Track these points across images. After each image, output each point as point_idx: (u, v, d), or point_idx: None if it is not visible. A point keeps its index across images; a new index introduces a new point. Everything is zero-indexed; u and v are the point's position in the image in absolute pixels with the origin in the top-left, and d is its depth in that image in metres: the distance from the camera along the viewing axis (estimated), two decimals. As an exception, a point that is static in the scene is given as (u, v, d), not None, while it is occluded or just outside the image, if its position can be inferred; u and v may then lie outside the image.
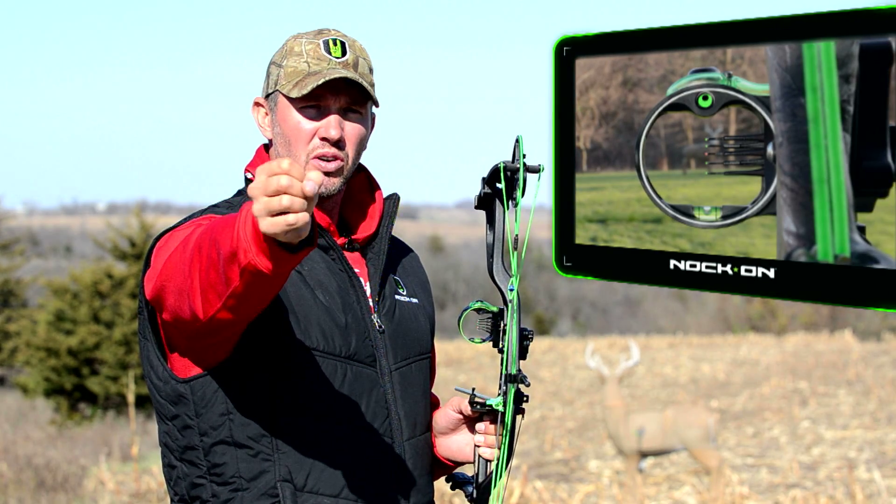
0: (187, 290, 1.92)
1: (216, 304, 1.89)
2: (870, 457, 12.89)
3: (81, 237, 64.18)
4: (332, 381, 2.17)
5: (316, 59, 2.23)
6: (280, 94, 2.24)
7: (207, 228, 1.89)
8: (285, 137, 2.24)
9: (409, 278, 2.42)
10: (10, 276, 27.44)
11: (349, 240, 2.31)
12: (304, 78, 2.21)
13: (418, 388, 2.31)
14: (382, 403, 2.22)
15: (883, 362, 23.84)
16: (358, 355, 2.21)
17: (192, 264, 1.90)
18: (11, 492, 10.42)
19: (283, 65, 2.24)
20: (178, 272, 1.94)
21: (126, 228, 21.53)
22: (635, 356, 10.81)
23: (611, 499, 10.53)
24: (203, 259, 1.87)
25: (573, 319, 48.43)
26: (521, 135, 2.11)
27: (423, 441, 2.30)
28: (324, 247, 2.25)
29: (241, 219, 1.78)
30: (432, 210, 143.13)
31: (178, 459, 2.21)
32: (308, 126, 2.22)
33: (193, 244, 1.91)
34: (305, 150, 2.23)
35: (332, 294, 2.21)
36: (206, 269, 1.86)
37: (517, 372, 2.12)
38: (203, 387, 2.15)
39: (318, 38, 2.25)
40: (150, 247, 2.21)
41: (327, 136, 2.21)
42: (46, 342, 19.47)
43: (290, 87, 2.22)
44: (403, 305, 2.35)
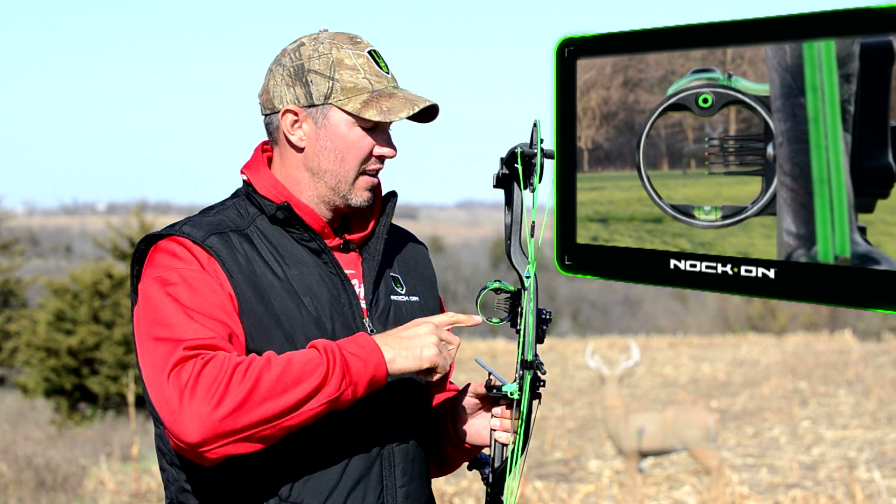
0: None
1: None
2: (870, 457, 12.89)
3: (81, 237, 64.21)
4: None
5: (374, 75, 2.23)
6: (335, 108, 2.21)
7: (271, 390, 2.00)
8: (338, 153, 2.23)
9: (412, 275, 2.40)
10: (10, 276, 27.42)
11: (344, 240, 2.30)
12: (377, 99, 2.20)
13: (412, 391, 2.30)
14: (370, 410, 2.20)
15: (883, 362, 23.83)
16: None
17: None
18: (11, 492, 10.42)
19: (335, 77, 2.21)
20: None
21: (126, 228, 21.53)
22: (635, 356, 10.81)
23: (611, 499, 10.53)
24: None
25: (573, 319, 48.40)
26: (539, 119, 2.11)
27: (414, 446, 2.29)
28: (316, 251, 2.24)
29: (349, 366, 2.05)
30: (432, 210, 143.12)
31: (169, 464, 2.23)
32: (369, 145, 2.23)
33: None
34: (360, 166, 2.24)
35: (322, 301, 2.20)
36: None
37: (534, 357, 2.13)
38: None
39: (360, 49, 2.24)
40: (137, 251, 2.21)
41: (387, 156, 2.25)
42: (46, 342, 19.46)
43: (355, 105, 2.20)
44: (400, 305, 2.33)
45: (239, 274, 2.15)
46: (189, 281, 2.11)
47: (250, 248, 2.19)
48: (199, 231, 2.17)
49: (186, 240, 2.16)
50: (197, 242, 2.16)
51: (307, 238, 2.23)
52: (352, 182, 2.24)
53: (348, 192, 2.24)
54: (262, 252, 2.20)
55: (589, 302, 51.28)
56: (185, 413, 1.95)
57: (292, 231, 2.24)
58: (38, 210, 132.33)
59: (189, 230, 2.18)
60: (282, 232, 2.24)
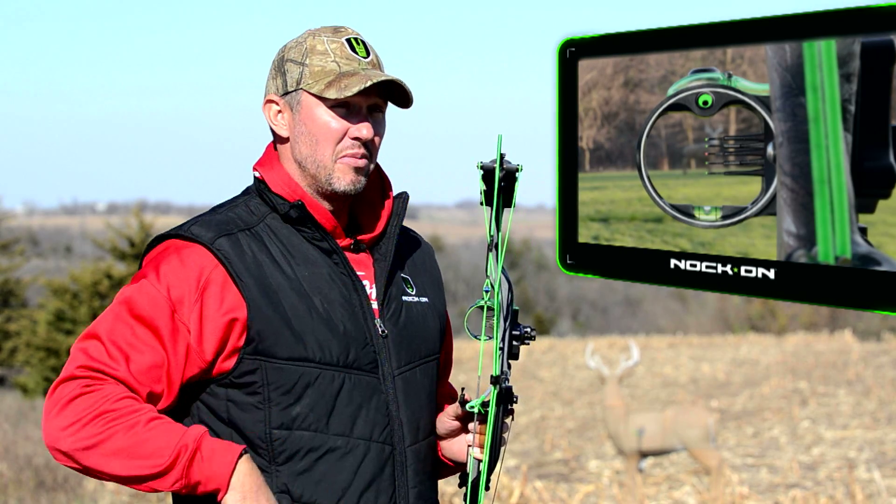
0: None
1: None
2: (870, 457, 12.89)
3: (81, 237, 64.16)
4: (329, 392, 2.17)
5: (344, 58, 2.21)
6: (305, 93, 2.22)
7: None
8: (312, 136, 2.22)
9: (421, 276, 2.39)
10: (10, 276, 27.40)
11: (355, 241, 2.29)
12: (340, 78, 2.19)
13: (423, 392, 2.30)
14: (383, 410, 2.21)
15: (883, 362, 23.83)
16: (357, 363, 2.19)
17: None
18: (11, 492, 10.42)
19: (306, 63, 2.21)
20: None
21: (126, 228, 21.54)
22: (635, 356, 10.81)
23: (611, 499, 10.53)
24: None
25: (573, 319, 48.40)
26: (501, 134, 2.08)
27: (425, 446, 2.29)
28: (327, 251, 2.23)
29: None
30: (432, 210, 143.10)
31: None
32: (339, 125, 2.21)
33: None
34: (335, 149, 2.22)
35: (332, 301, 2.20)
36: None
37: (500, 373, 2.10)
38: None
39: (338, 37, 2.24)
40: (145, 250, 2.24)
41: (360, 136, 2.21)
42: (46, 342, 19.48)
43: (320, 86, 2.20)
44: (411, 306, 2.33)
45: (248, 276, 2.15)
46: (147, 319, 2.14)
47: (259, 247, 2.19)
48: (209, 232, 2.18)
49: (196, 245, 2.16)
50: (205, 245, 2.16)
51: (318, 238, 2.23)
52: (331, 167, 2.22)
53: (330, 178, 2.22)
54: (272, 251, 2.20)
55: (589, 302, 51.28)
56: (49, 424, 2.09)
57: (303, 230, 2.23)
58: (38, 210, 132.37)
59: (199, 231, 2.18)
60: (292, 231, 2.23)
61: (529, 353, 28.15)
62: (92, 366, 2.09)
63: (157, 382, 2.12)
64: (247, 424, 2.16)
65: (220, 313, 2.13)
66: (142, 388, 2.11)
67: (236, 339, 2.14)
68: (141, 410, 2.06)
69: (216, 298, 2.14)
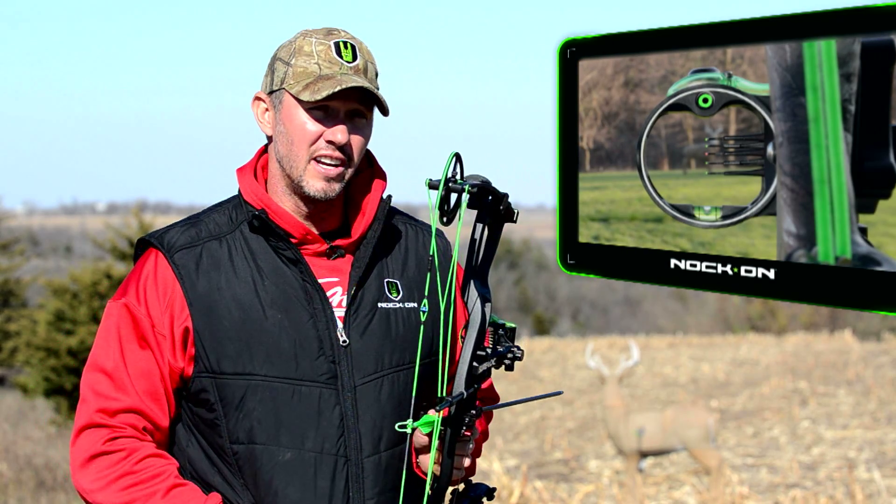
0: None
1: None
2: (870, 457, 12.89)
3: (81, 237, 64.14)
4: (277, 405, 2.17)
5: (327, 61, 2.20)
6: (286, 93, 2.22)
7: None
8: (288, 136, 2.22)
9: (416, 279, 2.34)
10: (9, 276, 27.41)
11: (331, 246, 2.27)
12: (317, 81, 2.19)
13: (392, 402, 2.24)
14: (337, 422, 2.19)
15: (883, 362, 23.83)
16: (309, 375, 2.18)
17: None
18: (11, 492, 10.42)
19: (291, 63, 2.21)
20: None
21: (125, 229, 21.51)
22: (635, 356, 10.81)
23: (611, 499, 10.53)
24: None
25: (573, 319, 48.37)
26: (458, 152, 2.04)
27: (387, 456, 2.23)
28: (292, 260, 2.23)
29: None
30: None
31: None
32: (314, 128, 2.21)
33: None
34: (308, 150, 2.21)
35: (288, 312, 2.20)
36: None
37: (447, 395, 2.03)
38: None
39: (328, 39, 2.22)
40: (134, 254, 2.32)
41: (334, 140, 2.20)
42: (46, 342, 19.45)
43: (299, 87, 2.20)
44: (389, 313, 2.28)
45: (197, 293, 2.20)
46: (138, 339, 2.22)
47: (225, 257, 2.22)
48: (177, 243, 2.24)
49: (161, 255, 2.24)
50: (167, 258, 2.23)
51: (283, 247, 2.23)
52: (303, 168, 2.21)
53: (301, 180, 2.22)
54: (235, 262, 2.22)
55: (589, 302, 51.26)
56: (75, 476, 2.21)
57: (270, 239, 2.24)
58: (37, 210, 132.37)
59: (169, 241, 2.25)
60: (261, 240, 2.25)
61: (529, 353, 28.13)
62: (107, 408, 2.18)
63: (161, 397, 2.21)
64: (213, 440, 2.21)
65: (177, 323, 2.20)
66: (151, 408, 2.20)
67: (190, 348, 2.20)
68: (160, 476, 2.15)
69: (178, 309, 2.21)
